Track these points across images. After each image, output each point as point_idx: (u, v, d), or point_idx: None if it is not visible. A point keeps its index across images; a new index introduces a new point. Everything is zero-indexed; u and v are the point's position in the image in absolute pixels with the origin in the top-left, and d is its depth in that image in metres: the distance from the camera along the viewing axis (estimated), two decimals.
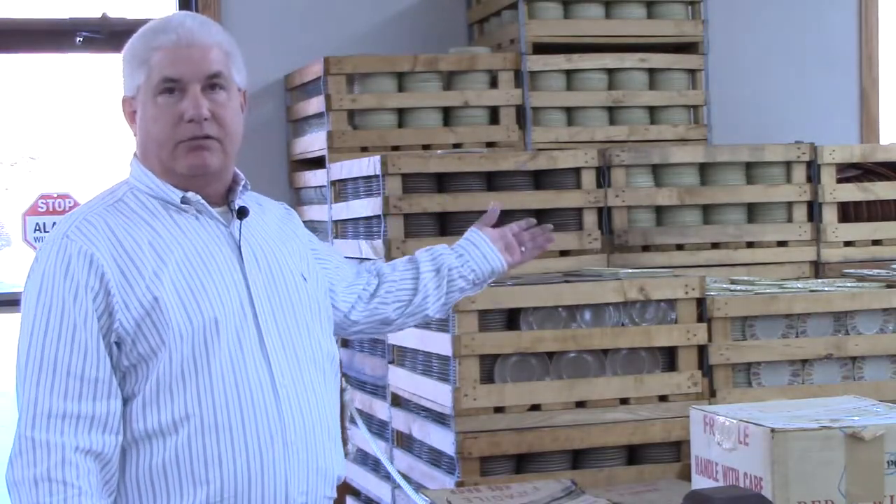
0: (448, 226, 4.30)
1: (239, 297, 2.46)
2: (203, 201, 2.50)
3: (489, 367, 3.74)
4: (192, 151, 2.46)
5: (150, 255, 2.42)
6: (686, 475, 3.49)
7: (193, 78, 2.45)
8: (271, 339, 2.47)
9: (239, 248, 2.50)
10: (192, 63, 2.46)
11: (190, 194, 2.49)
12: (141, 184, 2.51)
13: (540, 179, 4.40)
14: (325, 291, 2.69)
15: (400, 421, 4.21)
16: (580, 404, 3.78)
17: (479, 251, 2.93)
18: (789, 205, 4.67)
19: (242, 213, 2.53)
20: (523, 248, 2.99)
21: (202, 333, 2.40)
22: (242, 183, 2.57)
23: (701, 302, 3.89)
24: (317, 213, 5.10)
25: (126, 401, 2.40)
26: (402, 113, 5.08)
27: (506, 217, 4.29)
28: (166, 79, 2.45)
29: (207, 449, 2.39)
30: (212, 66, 2.47)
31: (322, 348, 2.57)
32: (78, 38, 5.62)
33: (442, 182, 4.31)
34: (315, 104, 5.19)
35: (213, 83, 2.47)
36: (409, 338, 4.06)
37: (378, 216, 4.30)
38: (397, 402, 4.27)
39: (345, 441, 2.65)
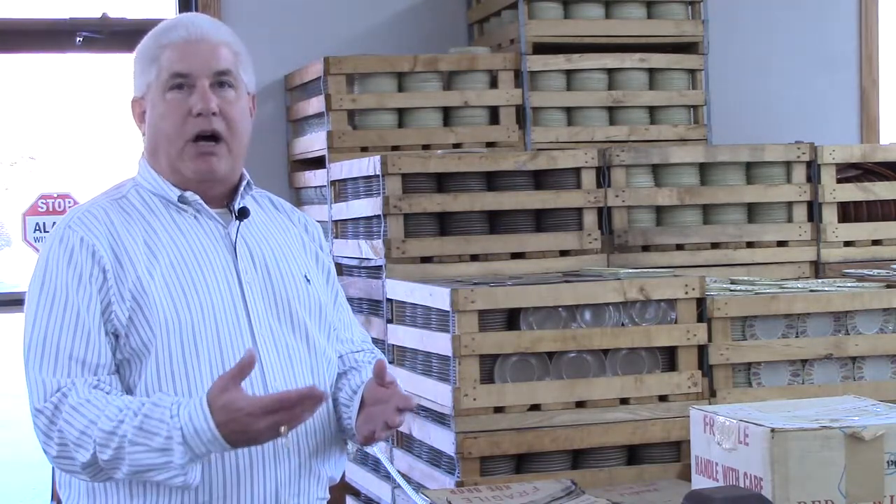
0: (448, 226, 4.29)
1: (232, 298, 2.46)
2: (201, 201, 2.50)
3: (489, 367, 3.73)
4: (200, 157, 2.47)
5: (143, 252, 2.43)
6: (686, 475, 3.48)
7: (202, 73, 2.46)
8: (263, 340, 2.47)
9: (235, 248, 2.51)
10: (202, 58, 2.47)
11: (188, 193, 2.49)
12: (145, 181, 2.53)
13: (540, 179, 4.39)
14: (329, 297, 2.66)
15: None
16: (580, 404, 3.77)
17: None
18: (789, 205, 4.67)
19: (242, 213, 2.53)
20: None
21: (191, 332, 2.40)
22: (245, 182, 2.57)
23: (701, 302, 3.89)
24: (317, 213, 5.10)
25: None
26: (402, 113, 5.07)
27: (506, 217, 4.34)
28: (175, 74, 2.46)
29: None
30: (221, 63, 2.48)
31: (317, 349, 2.56)
32: (78, 38, 5.62)
33: (442, 182, 4.31)
34: (315, 104, 5.19)
35: (221, 80, 2.48)
36: (409, 338, 4.06)
37: (378, 216, 4.29)
38: None
39: (345, 441, 2.63)
